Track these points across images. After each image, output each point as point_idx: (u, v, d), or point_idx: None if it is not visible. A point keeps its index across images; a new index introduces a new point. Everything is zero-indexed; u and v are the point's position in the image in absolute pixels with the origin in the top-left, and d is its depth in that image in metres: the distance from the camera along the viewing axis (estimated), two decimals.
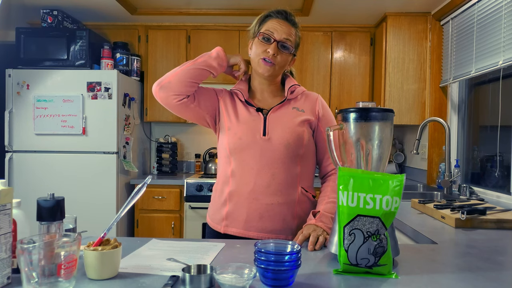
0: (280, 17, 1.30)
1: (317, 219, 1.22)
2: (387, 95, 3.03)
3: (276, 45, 1.27)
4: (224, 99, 1.39)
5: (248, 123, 1.31)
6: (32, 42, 2.96)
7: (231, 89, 1.41)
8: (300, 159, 1.31)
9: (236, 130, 1.31)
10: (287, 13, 1.31)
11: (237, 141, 1.30)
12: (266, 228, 1.28)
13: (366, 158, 1.01)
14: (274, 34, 1.27)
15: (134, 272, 0.91)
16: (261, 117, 1.32)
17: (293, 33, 1.31)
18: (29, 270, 0.74)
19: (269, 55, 1.27)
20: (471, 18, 2.51)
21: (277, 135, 1.29)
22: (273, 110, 1.33)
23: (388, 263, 0.90)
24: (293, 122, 1.31)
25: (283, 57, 1.30)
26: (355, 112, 1.01)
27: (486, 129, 2.61)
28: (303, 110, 1.34)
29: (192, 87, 1.30)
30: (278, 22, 1.29)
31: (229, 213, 1.32)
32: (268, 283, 0.83)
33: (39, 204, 0.89)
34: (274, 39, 1.27)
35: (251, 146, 1.28)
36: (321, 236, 1.14)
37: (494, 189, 2.31)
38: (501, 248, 1.22)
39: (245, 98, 1.35)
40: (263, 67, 1.29)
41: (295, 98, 1.37)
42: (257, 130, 1.30)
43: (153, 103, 3.39)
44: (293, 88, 1.36)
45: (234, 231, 1.31)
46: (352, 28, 3.34)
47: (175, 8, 3.13)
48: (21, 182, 2.90)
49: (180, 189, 3.08)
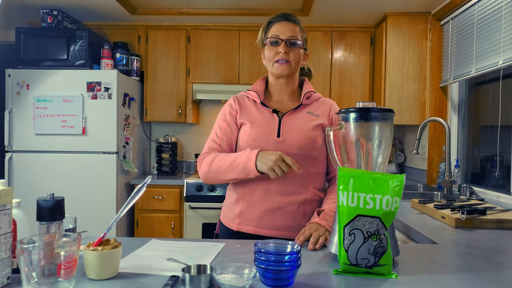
0: (281, 19, 1.37)
1: (321, 218, 1.25)
2: (387, 95, 3.03)
3: (285, 44, 1.33)
4: (240, 109, 1.41)
5: (263, 125, 1.35)
6: (32, 42, 2.95)
7: (248, 90, 1.45)
8: (312, 161, 1.34)
9: (251, 132, 1.35)
10: (286, 14, 1.39)
11: (251, 143, 1.33)
12: (278, 226, 1.31)
13: (366, 158, 1.01)
14: (280, 35, 1.34)
15: (134, 272, 0.91)
16: (276, 119, 1.36)
17: (298, 30, 1.37)
18: (29, 270, 0.73)
19: (281, 55, 1.33)
20: (471, 18, 2.51)
21: (291, 137, 1.32)
22: (288, 114, 1.37)
23: (388, 263, 0.90)
24: (307, 126, 1.35)
25: (295, 52, 1.35)
26: (355, 112, 1.01)
27: (486, 129, 2.61)
28: (318, 115, 1.38)
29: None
30: (280, 24, 1.36)
31: (242, 211, 1.35)
32: (268, 283, 0.82)
33: (39, 204, 0.89)
34: (281, 40, 1.34)
35: (265, 147, 1.31)
36: (322, 236, 1.15)
37: (494, 189, 2.31)
38: (501, 248, 1.22)
39: (261, 100, 1.39)
40: (279, 68, 1.35)
41: (310, 103, 1.41)
42: (272, 132, 1.33)
43: (153, 103, 3.39)
44: (309, 94, 1.40)
45: (247, 228, 1.34)
46: (352, 28, 3.34)
47: (175, 8, 3.13)
48: (21, 182, 2.90)
49: (180, 189, 3.08)
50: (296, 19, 1.40)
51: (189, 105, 3.38)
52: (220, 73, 3.36)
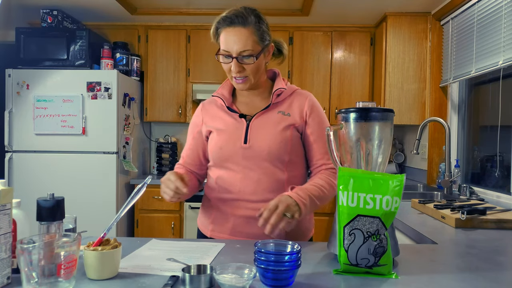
0: (227, 24, 1.18)
1: (293, 192, 1.14)
2: (387, 95, 3.03)
3: (237, 61, 1.18)
4: (206, 118, 1.34)
5: (229, 131, 1.27)
6: (32, 42, 2.95)
7: (213, 95, 1.34)
8: (286, 165, 1.25)
9: (217, 140, 1.28)
10: (232, 17, 1.18)
11: (218, 150, 1.27)
12: (254, 234, 1.23)
13: (366, 158, 1.01)
14: (229, 51, 1.18)
15: (134, 272, 0.91)
16: (243, 123, 1.27)
17: (249, 35, 1.17)
18: (29, 270, 0.73)
19: (235, 74, 1.20)
20: (471, 18, 2.51)
21: (258, 142, 1.23)
22: (257, 116, 1.27)
23: (388, 263, 0.90)
24: (277, 129, 1.24)
25: (251, 66, 1.20)
26: (355, 112, 1.01)
27: (486, 129, 2.61)
28: (289, 114, 1.27)
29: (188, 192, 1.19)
30: (227, 33, 1.18)
31: (215, 218, 1.31)
32: (268, 283, 0.82)
33: (39, 204, 0.89)
34: (231, 56, 1.18)
35: (232, 155, 1.25)
36: (282, 219, 1.06)
37: (494, 189, 2.31)
38: (501, 248, 1.22)
39: (227, 105, 1.30)
40: (238, 85, 1.25)
41: (282, 101, 1.29)
42: (238, 138, 1.25)
43: (152, 103, 3.39)
44: (279, 91, 1.28)
45: (220, 236, 1.29)
46: (352, 28, 3.34)
47: (175, 8, 3.13)
48: (21, 182, 2.90)
49: None
50: (246, 18, 1.17)
51: (189, 105, 3.38)
52: (220, 73, 3.35)
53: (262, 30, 1.20)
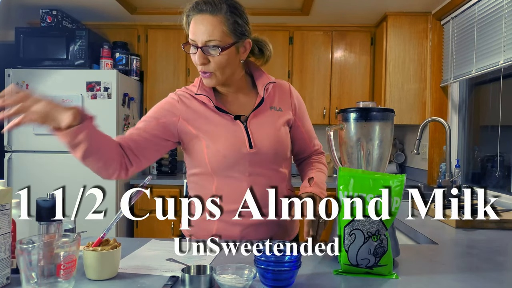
0: (196, 11, 1.07)
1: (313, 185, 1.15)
2: (388, 95, 3.03)
3: (201, 52, 1.07)
4: (185, 113, 1.17)
5: (228, 137, 1.14)
6: (32, 42, 2.95)
7: (195, 93, 1.18)
8: (286, 162, 1.24)
9: (218, 147, 1.13)
10: (201, 3, 1.07)
11: (221, 159, 1.13)
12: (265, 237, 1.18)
13: (367, 158, 1.01)
14: (195, 40, 1.07)
15: (133, 272, 0.91)
16: (240, 126, 1.16)
17: (217, 24, 1.05)
18: (28, 271, 0.73)
19: (199, 67, 1.10)
20: (472, 18, 2.51)
21: (265, 146, 1.15)
22: (252, 116, 1.18)
23: (388, 263, 0.89)
24: (276, 127, 1.19)
25: (217, 59, 1.08)
26: (355, 112, 1.01)
27: (486, 129, 2.61)
28: (281, 109, 1.22)
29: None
30: (195, 21, 1.08)
31: (221, 229, 1.18)
32: (268, 283, 0.82)
33: (39, 204, 0.89)
34: (196, 46, 1.07)
35: (239, 162, 1.14)
36: (320, 225, 1.06)
37: (495, 189, 2.31)
38: (501, 249, 1.22)
39: (214, 104, 1.16)
40: (205, 80, 1.14)
41: (268, 95, 1.21)
42: (242, 143, 1.14)
43: (152, 103, 3.37)
44: (269, 86, 1.19)
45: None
46: (352, 27, 3.33)
47: (175, 7, 3.10)
48: (20, 182, 2.89)
49: (180, 189, 3.07)
50: (215, 5, 1.06)
51: None
52: None
53: (235, 21, 1.08)
